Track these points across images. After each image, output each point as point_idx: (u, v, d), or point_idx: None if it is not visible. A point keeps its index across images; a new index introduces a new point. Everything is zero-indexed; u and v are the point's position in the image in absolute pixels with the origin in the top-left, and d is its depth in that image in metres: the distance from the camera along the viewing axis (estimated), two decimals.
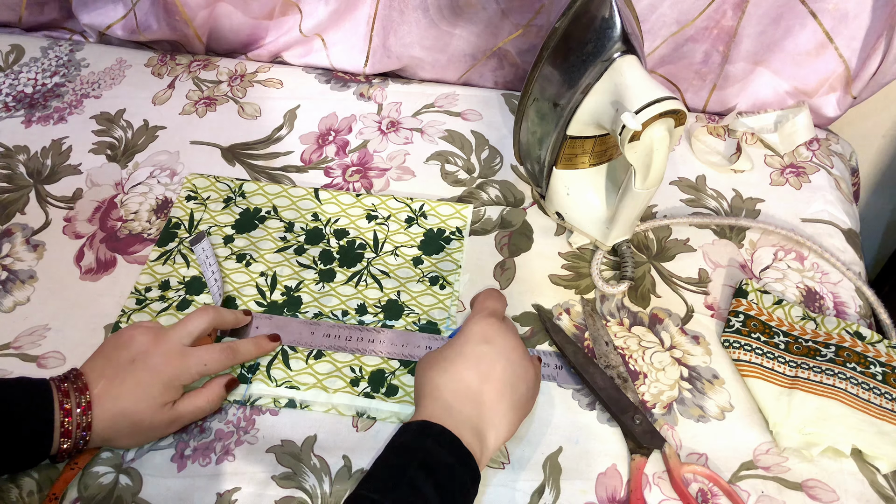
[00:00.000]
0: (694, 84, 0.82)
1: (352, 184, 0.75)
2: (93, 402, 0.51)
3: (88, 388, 0.51)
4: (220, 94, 0.84)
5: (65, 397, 0.50)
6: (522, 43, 0.81)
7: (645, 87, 0.55)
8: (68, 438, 0.50)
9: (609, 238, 0.67)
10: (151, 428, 0.54)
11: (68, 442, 0.50)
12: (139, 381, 0.52)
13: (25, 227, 0.71)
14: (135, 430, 0.53)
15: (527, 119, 0.65)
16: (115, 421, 0.52)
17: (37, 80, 0.84)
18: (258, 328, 0.63)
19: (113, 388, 0.52)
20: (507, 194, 0.75)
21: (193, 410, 0.56)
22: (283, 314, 0.64)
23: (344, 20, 0.84)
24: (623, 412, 0.58)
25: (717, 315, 0.66)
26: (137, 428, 0.53)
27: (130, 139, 0.79)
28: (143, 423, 0.53)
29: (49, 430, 0.50)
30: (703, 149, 0.80)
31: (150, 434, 0.55)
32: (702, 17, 0.75)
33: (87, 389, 0.51)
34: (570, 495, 0.55)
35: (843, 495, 0.56)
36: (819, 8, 0.73)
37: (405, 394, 0.59)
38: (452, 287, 0.67)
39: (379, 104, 0.83)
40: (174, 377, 0.54)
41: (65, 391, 0.51)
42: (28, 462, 0.52)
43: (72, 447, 0.51)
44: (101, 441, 0.53)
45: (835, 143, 0.82)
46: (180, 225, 0.70)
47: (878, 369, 0.60)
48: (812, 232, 0.73)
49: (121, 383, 0.52)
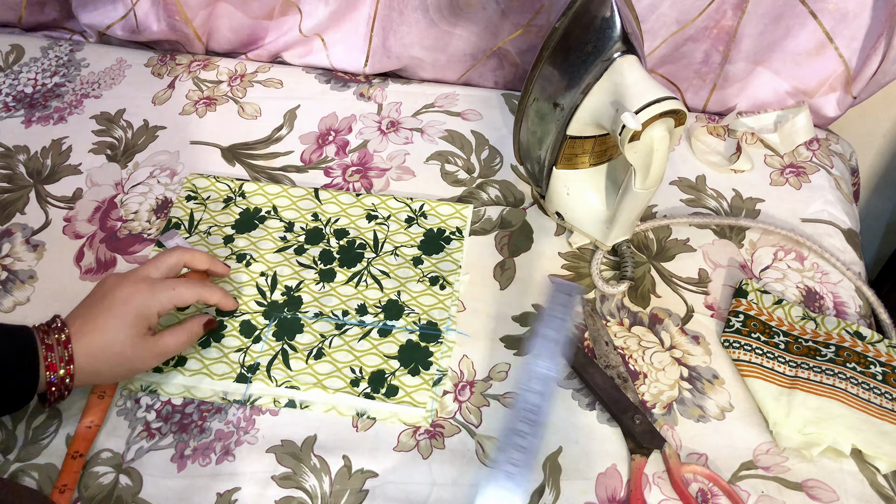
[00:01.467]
0: (694, 84, 0.82)
1: (352, 184, 0.75)
2: (71, 336, 0.53)
3: (66, 325, 0.54)
4: (220, 94, 0.84)
5: (45, 335, 0.53)
6: (522, 43, 0.81)
7: (645, 87, 0.55)
8: (54, 372, 0.52)
9: (609, 238, 0.67)
10: (136, 358, 0.55)
11: (55, 376, 0.52)
12: (112, 313, 0.55)
13: (25, 227, 0.71)
14: (119, 360, 0.55)
15: (527, 119, 0.65)
16: (96, 355, 0.53)
17: (37, 80, 0.84)
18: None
19: (88, 322, 0.54)
20: (507, 194, 0.75)
21: (176, 343, 0.57)
22: (283, 314, 0.64)
23: (344, 20, 0.84)
24: (623, 412, 0.58)
25: (717, 315, 0.66)
26: (121, 358, 0.55)
27: (130, 139, 0.79)
28: (125, 353, 0.54)
29: (34, 366, 0.51)
30: (703, 149, 0.80)
31: (138, 364, 0.56)
32: (702, 17, 0.75)
33: (65, 327, 0.54)
34: (570, 495, 0.55)
35: (843, 495, 0.56)
36: (819, 8, 0.73)
37: (405, 394, 0.59)
38: (452, 287, 0.67)
39: (379, 104, 0.83)
40: (144, 304, 0.56)
41: (44, 330, 0.53)
42: (16, 401, 0.53)
43: (59, 382, 0.52)
44: (88, 376, 0.54)
45: (835, 143, 0.82)
46: (180, 225, 0.70)
47: (878, 369, 0.60)
48: (812, 232, 0.73)
49: (94, 318, 0.54)
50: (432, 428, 0.59)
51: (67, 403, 0.58)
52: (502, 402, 0.60)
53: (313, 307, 0.65)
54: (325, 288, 0.66)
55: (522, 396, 0.58)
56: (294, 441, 0.57)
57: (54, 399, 0.53)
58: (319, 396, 0.59)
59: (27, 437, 0.57)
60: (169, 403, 0.59)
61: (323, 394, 0.59)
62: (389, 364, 0.61)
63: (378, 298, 0.66)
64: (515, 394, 0.59)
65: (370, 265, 0.68)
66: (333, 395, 0.59)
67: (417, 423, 0.59)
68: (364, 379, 0.60)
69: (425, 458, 0.57)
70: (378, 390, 0.60)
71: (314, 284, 0.66)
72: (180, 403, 0.59)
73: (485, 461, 0.57)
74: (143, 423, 0.58)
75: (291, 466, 0.56)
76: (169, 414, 0.59)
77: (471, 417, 0.59)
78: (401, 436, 0.58)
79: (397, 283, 0.67)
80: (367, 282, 0.67)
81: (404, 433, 0.58)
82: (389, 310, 0.65)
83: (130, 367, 0.56)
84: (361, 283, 0.67)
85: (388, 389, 0.60)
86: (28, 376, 0.51)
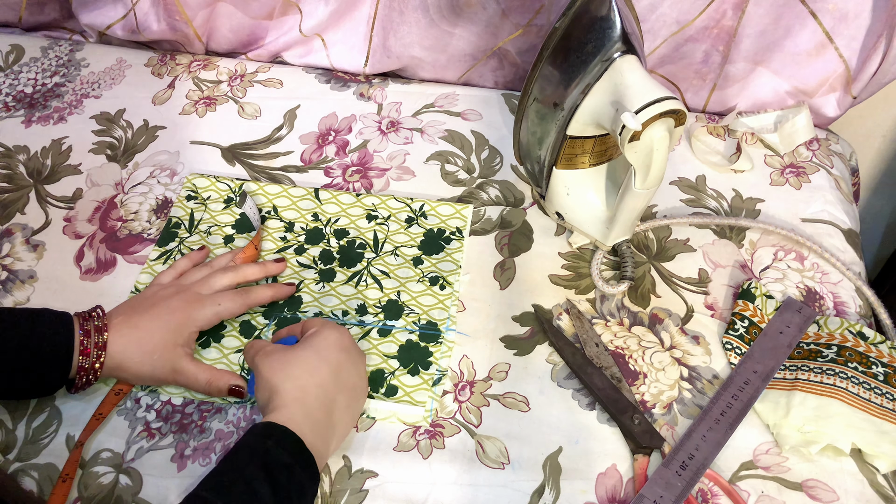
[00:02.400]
0: (694, 84, 0.82)
1: (352, 184, 0.75)
2: (110, 326, 0.55)
3: (107, 317, 0.56)
4: (220, 94, 0.84)
5: (84, 321, 0.55)
6: (522, 43, 0.81)
7: (645, 87, 0.55)
8: (86, 357, 0.54)
9: (609, 238, 0.67)
10: (160, 363, 0.56)
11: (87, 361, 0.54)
12: (156, 316, 0.57)
13: (25, 227, 0.71)
14: (147, 359, 0.56)
15: (527, 119, 0.65)
16: (127, 349, 0.55)
17: (37, 80, 0.84)
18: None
19: (130, 318, 0.56)
20: (507, 194, 0.75)
21: (193, 377, 0.57)
22: (283, 314, 0.64)
23: (344, 20, 0.84)
24: (622, 412, 0.58)
25: (717, 315, 0.66)
26: (149, 358, 0.56)
27: (130, 139, 0.79)
28: (154, 354, 0.56)
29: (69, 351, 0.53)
30: (703, 149, 0.80)
31: (158, 370, 0.56)
32: (702, 17, 0.75)
33: (104, 316, 0.56)
34: (569, 495, 0.55)
35: (843, 495, 0.56)
36: (819, 8, 0.73)
37: (405, 394, 0.59)
38: (452, 287, 0.67)
39: (379, 104, 0.83)
40: (189, 317, 0.58)
41: (84, 317, 0.55)
42: (48, 385, 0.55)
43: (89, 367, 0.54)
44: (114, 369, 0.55)
45: (835, 143, 0.82)
46: (180, 225, 0.70)
47: (879, 370, 0.60)
48: (812, 232, 0.73)
49: (138, 316, 0.57)
50: (432, 428, 0.59)
51: (71, 404, 0.58)
52: (502, 402, 0.60)
53: (313, 307, 0.65)
54: (325, 288, 0.66)
55: None
56: None
57: (81, 385, 0.55)
58: None
59: (27, 436, 0.57)
60: (169, 403, 0.59)
61: None
62: (389, 364, 0.61)
63: (378, 298, 0.66)
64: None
65: (370, 265, 0.68)
66: None
67: (417, 423, 0.59)
68: None
69: (425, 458, 0.57)
70: (377, 390, 0.60)
71: (314, 284, 0.66)
72: (180, 403, 0.59)
73: (485, 461, 0.57)
74: (143, 422, 0.58)
75: None
76: (169, 414, 0.59)
77: (471, 417, 0.59)
78: (401, 436, 0.58)
79: (397, 283, 0.67)
80: (366, 282, 0.67)
81: (404, 433, 0.58)
82: (389, 310, 0.65)
83: (152, 370, 0.56)
84: (361, 283, 0.67)
85: (387, 389, 0.60)
86: (63, 360, 0.53)
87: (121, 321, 0.56)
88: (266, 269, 0.65)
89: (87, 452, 0.56)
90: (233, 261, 0.65)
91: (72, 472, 0.54)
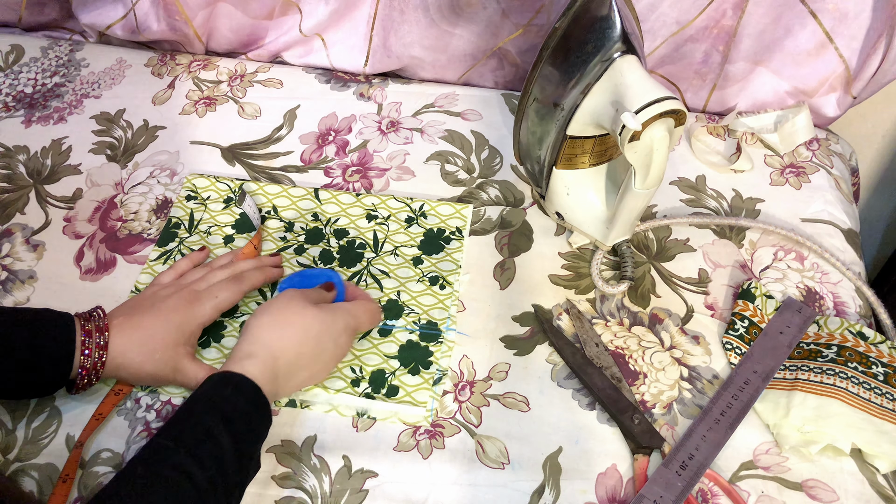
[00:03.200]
0: (694, 84, 0.82)
1: (352, 184, 0.75)
2: (111, 326, 0.55)
3: (108, 317, 0.56)
4: (220, 94, 0.84)
5: (85, 322, 0.55)
6: (522, 43, 0.81)
7: (645, 87, 0.55)
8: (88, 358, 0.54)
9: (609, 238, 0.67)
10: (162, 362, 0.56)
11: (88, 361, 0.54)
12: (157, 315, 0.57)
13: (25, 227, 0.71)
14: (145, 359, 0.56)
15: (527, 119, 0.65)
16: (129, 348, 0.55)
17: (37, 80, 0.84)
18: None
19: (130, 318, 0.56)
20: (507, 194, 0.75)
21: (194, 377, 0.57)
22: None
23: (344, 20, 0.84)
24: (622, 412, 0.58)
25: (717, 315, 0.66)
26: (149, 357, 0.56)
27: (130, 139, 0.79)
28: (156, 353, 0.56)
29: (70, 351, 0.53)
30: (703, 149, 0.80)
31: (159, 370, 0.57)
32: (702, 17, 0.75)
33: (105, 317, 0.56)
34: (569, 495, 0.55)
35: (842, 495, 0.56)
36: (819, 8, 0.73)
37: (406, 394, 0.59)
38: (452, 287, 0.67)
39: (379, 104, 0.83)
40: (190, 315, 0.58)
41: (85, 318, 0.55)
42: (48, 385, 0.55)
43: (91, 368, 0.54)
44: (115, 369, 0.55)
45: (835, 143, 0.82)
46: (180, 225, 0.70)
47: (879, 370, 0.60)
48: (812, 232, 0.73)
49: (139, 316, 0.57)
50: (432, 428, 0.59)
51: (71, 405, 0.58)
52: (502, 402, 0.60)
53: None
54: None
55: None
56: (294, 441, 0.57)
57: (82, 385, 0.55)
58: (320, 396, 0.59)
59: (27, 436, 0.57)
60: (169, 403, 0.59)
61: (323, 394, 0.59)
62: (389, 364, 0.61)
63: (378, 298, 0.66)
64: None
65: (370, 265, 0.68)
66: (334, 395, 0.59)
67: (417, 423, 0.59)
68: (364, 379, 0.60)
69: (425, 458, 0.57)
70: (379, 390, 0.60)
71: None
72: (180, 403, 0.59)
73: (485, 461, 0.57)
74: (143, 422, 0.58)
75: (291, 466, 0.56)
76: (169, 414, 0.59)
77: (471, 417, 0.59)
78: (401, 436, 0.58)
79: (397, 282, 0.67)
80: (366, 281, 0.67)
81: (404, 433, 0.58)
82: (389, 309, 0.65)
83: (154, 370, 0.56)
84: (361, 282, 0.67)
85: (388, 389, 0.60)
86: (64, 361, 0.53)
87: (122, 321, 0.56)
88: (261, 263, 0.65)
89: (87, 452, 0.56)
90: (232, 261, 0.65)
91: (72, 472, 0.54)
